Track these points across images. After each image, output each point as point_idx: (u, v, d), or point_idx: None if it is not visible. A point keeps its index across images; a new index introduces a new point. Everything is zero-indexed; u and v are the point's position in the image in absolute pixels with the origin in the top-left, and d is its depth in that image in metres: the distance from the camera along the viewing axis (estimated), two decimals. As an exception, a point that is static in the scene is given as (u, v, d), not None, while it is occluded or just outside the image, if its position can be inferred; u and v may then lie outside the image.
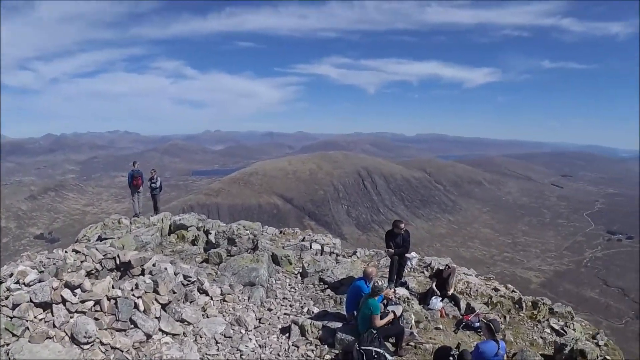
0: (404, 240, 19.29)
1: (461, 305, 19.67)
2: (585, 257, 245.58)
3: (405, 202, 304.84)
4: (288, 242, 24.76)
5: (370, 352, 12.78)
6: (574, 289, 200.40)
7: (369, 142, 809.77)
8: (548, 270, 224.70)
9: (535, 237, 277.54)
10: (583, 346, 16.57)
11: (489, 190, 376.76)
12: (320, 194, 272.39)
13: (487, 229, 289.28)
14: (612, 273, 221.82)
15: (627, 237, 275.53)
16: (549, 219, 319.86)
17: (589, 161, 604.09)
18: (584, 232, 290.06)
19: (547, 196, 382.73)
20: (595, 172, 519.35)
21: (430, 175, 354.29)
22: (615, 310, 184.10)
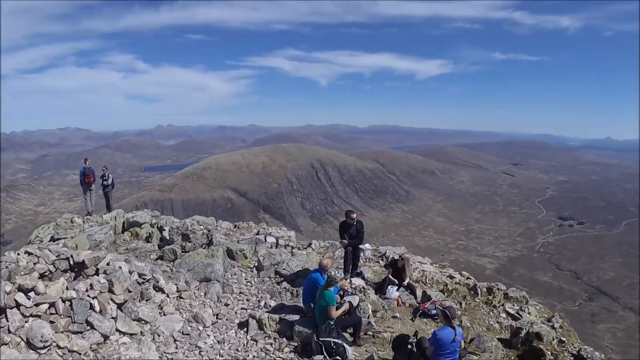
0: (358, 231, 19.45)
1: (417, 294, 19.85)
2: (537, 243, 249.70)
3: (359, 193, 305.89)
4: (243, 236, 24.67)
5: (328, 343, 12.87)
6: (527, 274, 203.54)
7: (322, 134, 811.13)
8: (502, 256, 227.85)
9: (488, 224, 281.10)
10: (539, 329, 16.94)
11: (441, 180, 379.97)
12: (274, 187, 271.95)
13: (440, 217, 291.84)
14: (564, 257, 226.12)
15: (578, 223, 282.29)
16: (501, 206, 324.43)
17: (539, 150, 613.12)
18: (535, 219, 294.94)
19: (499, 184, 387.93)
20: (546, 161, 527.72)
21: (383, 166, 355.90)
22: (568, 293, 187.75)
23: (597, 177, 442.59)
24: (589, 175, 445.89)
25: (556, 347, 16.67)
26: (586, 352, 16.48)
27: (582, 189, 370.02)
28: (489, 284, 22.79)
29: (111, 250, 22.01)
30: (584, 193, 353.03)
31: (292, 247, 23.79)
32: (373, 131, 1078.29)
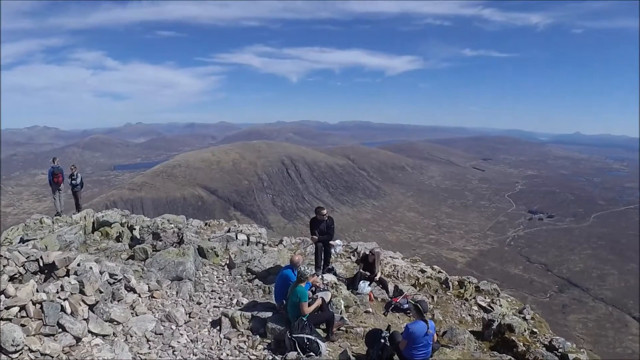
0: (328, 227, 19.54)
1: (389, 288, 20.10)
2: (508, 236, 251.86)
3: (330, 189, 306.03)
4: (214, 234, 24.68)
5: (302, 339, 12.89)
6: (498, 267, 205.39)
7: (292, 130, 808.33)
8: (473, 250, 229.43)
9: (459, 218, 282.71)
10: (510, 321, 17.23)
11: (412, 175, 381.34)
12: (245, 184, 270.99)
13: (411, 212, 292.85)
14: (534, 250, 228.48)
15: (547, 216, 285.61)
16: (471, 201, 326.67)
17: (509, 145, 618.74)
18: (506, 213, 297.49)
19: (469, 179, 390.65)
20: (515, 155, 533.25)
21: (354, 162, 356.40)
22: (539, 285, 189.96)
23: (566, 171, 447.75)
24: (558, 170, 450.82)
25: (528, 338, 16.95)
26: (558, 342, 16.69)
27: (552, 183, 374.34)
28: (460, 277, 23.02)
29: (81, 250, 21.84)
30: (554, 187, 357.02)
31: (263, 244, 23.86)
32: (343, 127, 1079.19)
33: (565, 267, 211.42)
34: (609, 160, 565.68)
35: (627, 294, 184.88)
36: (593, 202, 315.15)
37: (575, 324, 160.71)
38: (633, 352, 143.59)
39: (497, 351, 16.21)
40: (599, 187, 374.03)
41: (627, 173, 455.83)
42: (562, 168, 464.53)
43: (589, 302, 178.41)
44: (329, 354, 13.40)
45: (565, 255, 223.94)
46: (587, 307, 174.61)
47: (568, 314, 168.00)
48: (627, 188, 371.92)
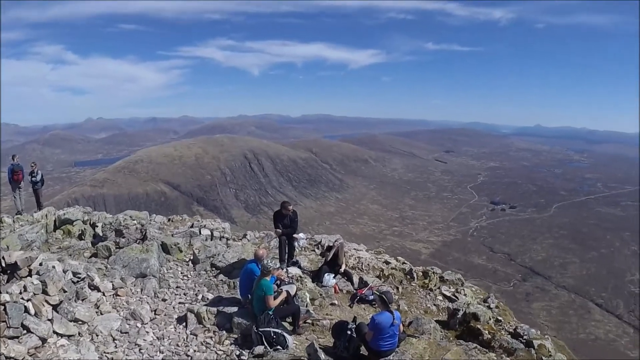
0: (292, 221, 19.65)
1: (354, 280, 20.25)
2: (471, 227, 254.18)
3: (293, 182, 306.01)
4: (177, 230, 24.52)
5: (268, 333, 12.90)
6: (462, 257, 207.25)
7: (254, 124, 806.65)
8: (436, 241, 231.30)
9: (422, 210, 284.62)
10: (475, 310, 17.42)
11: (374, 168, 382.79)
12: (208, 179, 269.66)
13: (375, 205, 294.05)
14: (497, 240, 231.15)
15: (509, 207, 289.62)
16: (434, 192, 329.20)
17: (471, 137, 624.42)
18: (468, 204, 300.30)
19: (432, 171, 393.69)
20: (477, 147, 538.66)
21: (316, 155, 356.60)
22: (503, 275, 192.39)
23: (528, 162, 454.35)
24: (520, 161, 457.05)
25: (493, 326, 17.18)
26: (522, 329, 16.93)
27: (513, 174, 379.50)
28: (424, 268, 23.24)
29: (43, 249, 21.59)
30: (515, 178, 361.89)
31: (227, 239, 23.74)
32: (306, 121, 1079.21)
33: (527, 256, 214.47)
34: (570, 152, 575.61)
35: (588, 281, 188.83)
36: (554, 193, 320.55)
37: (539, 311, 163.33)
38: (596, 337, 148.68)
39: (463, 339, 16.30)
40: (560, 178, 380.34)
41: (587, 164, 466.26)
42: (524, 160, 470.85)
43: (551, 290, 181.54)
44: (295, 347, 13.39)
45: (528, 245, 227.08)
46: (550, 295, 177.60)
47: (532, 302, 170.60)
48: (587, 179, 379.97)
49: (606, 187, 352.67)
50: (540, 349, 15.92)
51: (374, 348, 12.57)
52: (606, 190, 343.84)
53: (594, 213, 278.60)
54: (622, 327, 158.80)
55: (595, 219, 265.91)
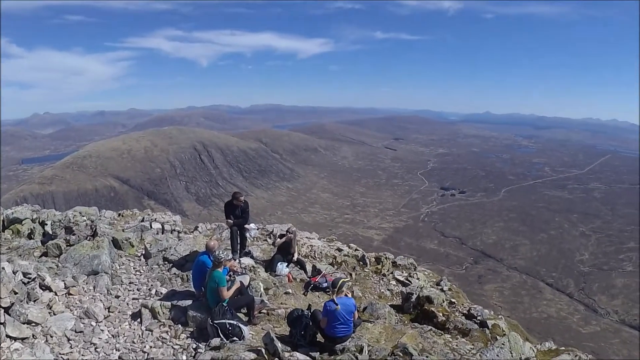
0: (243, 211, 19.75)
1: (307, 268, 20.47)
2: (422, 213, 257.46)
3: (244, 173, 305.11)
4: (127, 225, 24.21)
5: (223, 324, 12.90)
6: (414, 243, 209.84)
7: (203, 115, 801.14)
8: (388, 227, 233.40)
9: (373, 197, 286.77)
10: (429, 293, 17.79)
11: (325, 156, 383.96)
12: (158, 172, 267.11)
13: (326, 193, 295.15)
14: (448, 225, 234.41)
15: (459, 192, 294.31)
16: (384, 179, 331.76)
17: (420, 124, 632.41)
18: (419, 190, 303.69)
19: (382, 159, 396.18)
20: (426, 135, 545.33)
21: (266, 145, 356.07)
22: (455, 258, 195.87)
23: (477, 148, 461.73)
24: (469, 147, 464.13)
25: (447, 308, 17.50)
26: (476, 310, 17.30)
27: (463, 160, 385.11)
28: (377, 254, 23.51)
29: (-8, 250, 21.21)
30: (464, 164, 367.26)
31: (178, 232, 23.57)
32: (255, 111, 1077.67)
33: (478, 239, 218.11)
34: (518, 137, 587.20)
35: (539, 262, 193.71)
36: (503, 178, 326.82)
37: (491, 292, 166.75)
38: (549, 316, 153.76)
39: (417, 322, 16.63)
40: (509, 163, 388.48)
41: (535, 149, 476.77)
42: (473, 146, 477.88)
43: (503, 272, 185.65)
44: (252, 338, 13.44)
45: (479, 229, 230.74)
46: (502, 276, 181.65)
47: (484, 284, 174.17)
48: (535, 163, 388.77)
49: (554, 171, 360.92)
50: (494, 328, 16.23)
51: (330, 334, 12.67)
52: (554, 174, 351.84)
53: (542, 196, 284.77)
54: (573, 305, 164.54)
55: (543, 202, 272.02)
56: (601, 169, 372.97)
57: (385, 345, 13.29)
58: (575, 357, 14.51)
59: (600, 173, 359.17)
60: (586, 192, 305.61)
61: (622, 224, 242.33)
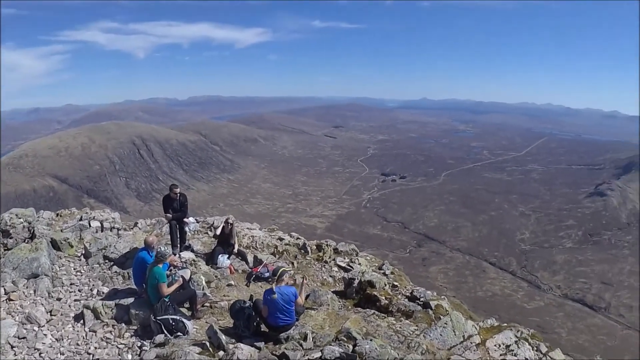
0: (182, 205, 19.72)
1: (249, 259, 20.59)
2: (363, 199, 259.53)
3: (184, 166, 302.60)
4: (66, 224, 23.82)
5: (167, 320, 12.91)
6: (357, 229, 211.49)
7: (141, 109, 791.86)
8: (331, 215, 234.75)
9: (315, 186, 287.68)
10: (370, 277, 18.11)
11: (265, 147, 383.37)
12: (96, 169, 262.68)
13: (267, 183, 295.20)
14: (390, 210, 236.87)
15: (400, 177, 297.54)
16: (325, 168, 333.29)
17: (359, 112, 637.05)
18: (360, 177, 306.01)
19: (322, 147, 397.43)
20: (366, 122, 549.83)
21: (206, 137, 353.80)
22: (398, 242, 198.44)
23: (415, 134, 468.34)
24: (408, 133, 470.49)
25: (389, 291, 17.86)
26: (419, 292, 17.75)
27: (402, 146, 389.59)
28: (318, 241, 23.72)
29: None
30: (404, 150, 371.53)
31: (118, 229, 23.38)
32: (193, 102, 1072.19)
33: (421, 223, 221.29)
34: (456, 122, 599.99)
35: (481, 242, 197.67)
36: (442, 162, 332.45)
37: (436, 274, 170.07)
38: (493, 294, 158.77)
39: (361, 307, 16.90)
40: (447, 147, 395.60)
41: (473, 134, 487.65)
42: (411, 131, 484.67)
43: (447, 254, 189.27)
44: (196, 332, 13.49)
45: (420, 212, 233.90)
46: (445, 258, 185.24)
47: (429, 266, 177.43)
48: (473, 147, 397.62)
49: (492, 154, 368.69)
50: (437, 309, 16.57)
51: (272, 323, 12.81)
52: (492, 157, 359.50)
53: (481, 179, 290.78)
54: (517, 282, 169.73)
55: (483, 184, 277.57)
56: (538, 151, 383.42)
57: (329, 331, 13.51)
58: (517, 332, 14.92)
59: (537, 155, 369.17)
60: (524, 173, 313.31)
61: (561, 202, 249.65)
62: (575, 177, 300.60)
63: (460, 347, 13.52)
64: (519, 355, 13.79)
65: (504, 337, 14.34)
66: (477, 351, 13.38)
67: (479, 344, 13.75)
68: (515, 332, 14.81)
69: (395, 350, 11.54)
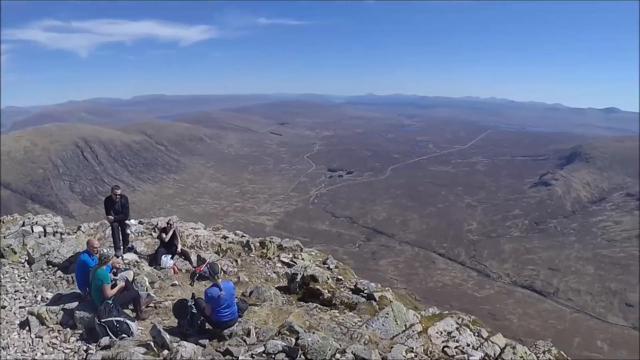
0: (123, 206, 19.77)
1: (192, 259, 20.72)
2: (311, 195, 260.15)
3: (129, 167, 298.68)
4: (8, 231, 23.52)
5: (111, 322, 12.91)
6: (306, 225, 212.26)
7: (84, 109, 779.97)
8: (279, 212, 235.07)
9: (262, 184, 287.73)
10: (313, 271, 18.51)
11: (211, 145, 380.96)
12: (40, 173, 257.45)
13: (214, 182, 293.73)
14: (338, 205, 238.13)
15: (347, 173, 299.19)
16: (272, 165, 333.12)
17: (305, 108, 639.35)
18: (307, 173, 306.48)
19: (268, 144, 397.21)
20: (312, 118, 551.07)
21: (151, 138, 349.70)
22: (348, 237, 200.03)
23: (361, 129, 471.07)
24: (354, 129, 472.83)
25: (332, 285, 18.20)
26: (362, 284, 18.22)
27: (348, 141, 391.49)
28: (262, 238, 23.85)
29: None
30: (350, 145, 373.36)
31: (61, 234, 23.15)
32: (138, 102, 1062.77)
33: (369, 217, 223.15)
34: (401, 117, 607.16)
35: (429, 234, 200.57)
36: (389, 156, 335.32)
37: (386, 267, 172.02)
38: (444, 284, 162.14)
39: (304, 301, 17.24)
40: (393, 142, 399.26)
41: (418, 128, 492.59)
42: (357, 127, 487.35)
43: (396, 247, 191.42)
44: (141, 333, 13.56)
45: (368, 207, 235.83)
46: (395, 251, 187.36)
47: (378, 259, 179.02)
48: (419, 141, 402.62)
49: (438, 147, 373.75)
50: (381, 300, 16.95)
51: (215, 320, 12.99)
52: (438, 150, 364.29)
53: (427, 172, 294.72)
54: (466, 272, 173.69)
55: (429, 177, 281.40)
56: (483, 144, 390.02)
57: (272, 326, 13.68)
58: (458, 319, 15.33)
59: (482, 147, 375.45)
60: (470, 165, 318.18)
61: (506, 193, 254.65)
62: (520, 168, 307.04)
63: (402, 335, 13.84)
64: (460, 341, 14.17)
65: (445, 324, 14.74)
66: (419, 339, 13.71)
67: (420, 332, 14.09)
68: (456, 319, 15.22)
69: (337, 342, 11.78)
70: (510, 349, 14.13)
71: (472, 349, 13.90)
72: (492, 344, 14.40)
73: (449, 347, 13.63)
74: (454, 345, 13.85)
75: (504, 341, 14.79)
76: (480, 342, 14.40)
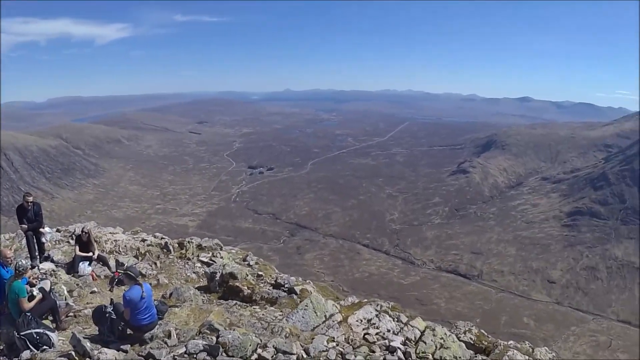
0: (36, 214, 19.32)
1: (110, 264, 20.35)
2: (233, 194, 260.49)
3: (46, 174, 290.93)
4: None
5: (30, 335, 12.51)
6: (229, 224, 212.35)
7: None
8: (201, 212, 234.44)
9: (182, 184, 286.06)
10: (231, 269, 18.52)
11: (128, 147, 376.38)
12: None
13: (134, 185, 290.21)
14: (260, 202, 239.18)
15: (267, 169, 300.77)
16: (192, 165, 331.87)
17: (223, 106, 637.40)
18: (227, 171, 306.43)
19: (187, 144, 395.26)
20: (230, 116, 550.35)
21: (67, 141, 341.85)
22: (272, 234, 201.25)
23: (280, 125, 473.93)
24: (272, 125, 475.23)
25: (252, 281, 18.28)
26: (283, 279, 18.39)
27: (267, 137, 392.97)
28: (180, 239, 23.70)
29: None
30: (269, 141, 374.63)
31: (-28, 247, 22.54)
32: (53, 105, 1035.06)
33: (292, 212, 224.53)
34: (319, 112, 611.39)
35: (352, 226, 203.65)
36: (308, 151, 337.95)
37: (312, 261, 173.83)
38: (370, 274, 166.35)
39: (224, 299, 17.23)
40: (312, 136, 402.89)
41: (336, 122, 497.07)
42: (276, 123, 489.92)
43: (320, 240, 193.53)
44: (62, 343, 13.15)
45: (290, 202, 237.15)
46: (319, 244, 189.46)
47: (304, 253, 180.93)
48: (338, 135, 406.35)
49: (357, 140, 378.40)
50: (302, 293, 17.12)
51: (135, 324, 12.86)
52: (357, 143, 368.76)
53: (348, 165, 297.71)
54: (391, 260, 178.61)
55: (349, 170, 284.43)
56: (401, 135, 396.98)
57: (193, 326, 13.63)
58: (377, 306, 15.58)
59: (400, 139, 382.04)
60: (389, 157, 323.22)
61: (426, 182, 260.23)
62: (438, 158, 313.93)
63: (323, 326, 14.01)
64: (380, 328, 14.41)
65: (365, 312, 14.96)
66: (340, 328, 13.88)
67: (341, 322, 14.27)
68: (375, 307, 15.46)
69: (258, 337, 11.84)
70: (430, 331, 14.40)
71: (392, 334, 14.14)
72: (411, 327, 14.66)
73: (370, 334, 13.83)
74: (374, 331, 14.07)
75: (423, 324, 15.07)
76: (400, 327, 14.66)
